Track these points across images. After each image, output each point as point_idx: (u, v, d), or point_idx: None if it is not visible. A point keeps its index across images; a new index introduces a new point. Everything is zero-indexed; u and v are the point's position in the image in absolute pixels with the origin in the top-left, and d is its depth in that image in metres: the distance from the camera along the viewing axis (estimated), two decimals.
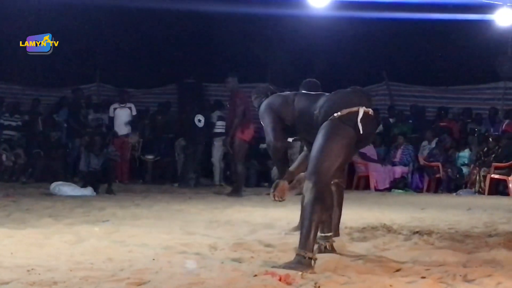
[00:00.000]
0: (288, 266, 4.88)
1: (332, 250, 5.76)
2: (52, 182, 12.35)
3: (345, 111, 5.07)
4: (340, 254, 5.65)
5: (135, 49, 18.97)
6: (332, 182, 5.71)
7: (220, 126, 15.67)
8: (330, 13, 13.85)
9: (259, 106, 5.69)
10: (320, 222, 5.12)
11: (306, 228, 4.96)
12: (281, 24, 16.68)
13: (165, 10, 15.75)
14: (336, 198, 6.19)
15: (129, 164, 16.07)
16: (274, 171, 6.14)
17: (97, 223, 7.71)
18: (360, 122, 5.06)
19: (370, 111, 5.17)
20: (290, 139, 5.75)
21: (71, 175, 14.97)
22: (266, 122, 5.48)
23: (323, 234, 5.70)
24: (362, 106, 5.13)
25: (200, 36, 18.81)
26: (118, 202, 10.54)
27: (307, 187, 5.02)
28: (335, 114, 5.07)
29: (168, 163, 16.20)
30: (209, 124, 15.45)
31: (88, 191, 11.98)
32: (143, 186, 14.52)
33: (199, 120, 15.05)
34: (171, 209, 9.65)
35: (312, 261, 4.90)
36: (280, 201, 5.60)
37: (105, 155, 12.93)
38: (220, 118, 15.74)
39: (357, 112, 5.08)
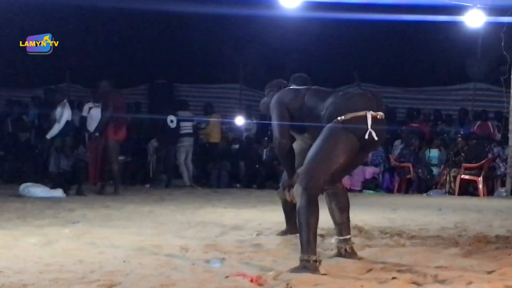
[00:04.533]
0: (294, 271, 4.77)
1: (353, 252, 5.55)
2: (21, 184, 12.23)
3: (349, 115, 4.95)
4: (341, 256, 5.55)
5: (106, 49, 18.86)
6: (339, 186, 5.59)
7: (186, 127, 15.62)
8: (301, 14, 13.85)
9: None
10: (317, 223, 4.95)
11: (304, 232, 4.85)
12: (252, 25, 16.68)
13: (136, 10, 15.67)
14: (337, 202, 5.70)
15: (101, 165, 15.88)
16: (285, 175, 6.03)
17: (67, 224, 7.65)
18: (371, 128, 4.95)
19: (379, 115, 5.04)
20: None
21: (41, 176, 14.81)
22: (274, 117, 5.35)
23: (342, 237, 5.56)
24: (369, 110, 5.00)
25: (171, 37, 18.79)
26: (89, 203, 10.47)
27: (298, 191, 4.93)
28: (339, 118, 4.95)
29: (139, 164, 16.10)
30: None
31: (58, 192, 11.87)
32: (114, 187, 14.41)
33: (171, 121, 15.00)
34: (142, 210, 9.60)
35: (317, 263, 4.83)
36: (294, 201, 5.24)
37: (75, 156, 12.82)
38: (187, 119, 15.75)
39: (362, 117, 4.96)
